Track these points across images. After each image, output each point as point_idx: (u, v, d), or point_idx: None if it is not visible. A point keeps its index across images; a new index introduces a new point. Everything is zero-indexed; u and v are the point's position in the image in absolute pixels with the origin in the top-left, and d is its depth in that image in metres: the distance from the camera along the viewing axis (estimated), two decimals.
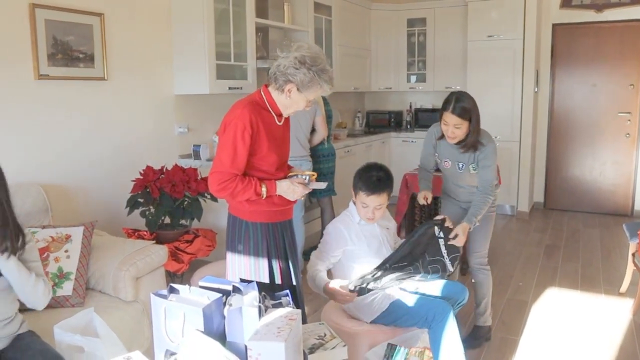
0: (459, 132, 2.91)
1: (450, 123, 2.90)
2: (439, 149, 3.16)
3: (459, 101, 2.88)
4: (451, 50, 6.86)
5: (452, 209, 3.27)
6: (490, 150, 2.99)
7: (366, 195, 2.61)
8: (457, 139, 2.95)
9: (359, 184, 2.65)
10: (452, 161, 3.10)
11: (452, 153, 3.08)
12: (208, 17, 4.13)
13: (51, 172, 3.41)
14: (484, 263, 3.25)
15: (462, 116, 2.87)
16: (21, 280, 2.07)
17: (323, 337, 1.95)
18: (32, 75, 3.28)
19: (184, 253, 3.43)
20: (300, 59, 2.21)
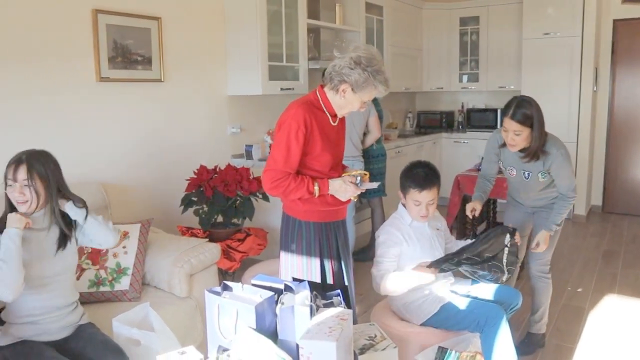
0: (519, 139, 2.77)
1: (509, 129, 2.77)
2: (503, 157, 3.03)
3: (520, 107, 2.75)
4: (505, 49, 6.70)
5: (516, 214, 3.17)
6: (561, 159, 2.82)
7: (418, 192, 2.57)
8: (517, 147, 2.82)
9: (407, 183, 2.61)
10: (517, 169, 2.96)
11: (517, 161, 2.93)
12: (261, 19, 4.19)
13: (110, 171, 3.53)
14: (546, 271, 3.13)
15: (523, 123, 2.73)
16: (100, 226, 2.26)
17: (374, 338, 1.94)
18: (94, 77, 3.41)
19: (235, 251, 3.49)
20: (356, 60, 2.21)
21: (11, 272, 2.04)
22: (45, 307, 2.18)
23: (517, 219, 3.17)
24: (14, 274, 2.04)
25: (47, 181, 2.13)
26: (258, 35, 4.19)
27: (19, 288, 2.06)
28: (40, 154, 2.16)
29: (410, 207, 2.64)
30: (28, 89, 3.07)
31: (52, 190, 2.15)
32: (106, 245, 2.32)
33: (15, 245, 2.06)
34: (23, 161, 2.10)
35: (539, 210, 3.07)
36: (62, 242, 2.23)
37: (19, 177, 2.08)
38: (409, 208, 2.65)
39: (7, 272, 2.03)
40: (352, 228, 4.32)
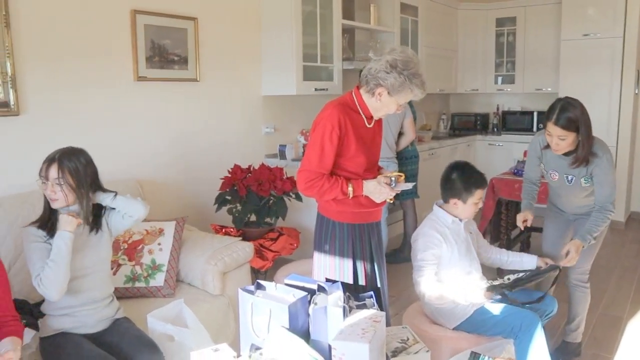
0: (563, 144, 2.68)
1: (553, 134, 2.67)
2: (545, 160, 2.94)
3: (564, 110, 2.63)
4: (542, 50, 6.57)
5: (557, 221, 3.09)
6: (606, 163, 2.71)
7: (483, 189, 2.59)
8: (562, 151, 2.73)
9: (473, 185, 2.56)
10: (560, 174, 2.87)
11: (560, 165, 2.84)
12: (296, 20, 4.20)
13: (147, 168, 3.59)
14: (584, 280, 3.04)
15: (567, 127, 2.62)
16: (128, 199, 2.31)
17: (406, 341, 1.93)
18: (132, 76, 3.47)
19: (268, 250, 3.51)
20: (392, 63, 2.19)
21: (60, 274, 2.11)
22: (82, 299, 2.24)
23: (558, 226, 3.09)
24: (62, 275, 2.11)
25: (78, 179, 2.17)
26: (293, 36, 4.20)
27: (64, 289, 2.14)
28: (73, 152, 2.21)
29: (468, 209, 2.60)
30: (70, 87, 3.15)
31: (84, 187, 2.19)
32: (137, 216, 2.34)
33: (67, 247, 2.12)
34: (55, 160, 2.15)
35: (580, 218, 2.97)
36: (95, 233, 2.29)
37: (51, 175, 2.14)
38: (465, 210, 2.60)
39: (56, 273, 2.10)
40: (384, 230, 4.30)
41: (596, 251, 3.00)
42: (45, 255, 2.15)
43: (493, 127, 7.22)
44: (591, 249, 2.95)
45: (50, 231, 2.20)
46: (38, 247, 2.18)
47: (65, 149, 2.22)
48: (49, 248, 2.16)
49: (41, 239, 2.19)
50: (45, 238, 2.19)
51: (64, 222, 2.15)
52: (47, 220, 2.23)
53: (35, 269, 2.14)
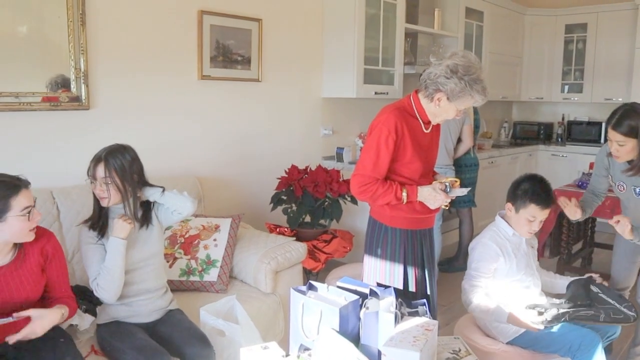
0: (623, 150, 2.58)
1: (613, 139, 2.59)
2: (612, 170, 2.82)
3: (625, 117, 2.55)
4: (615, 59, 6.29)
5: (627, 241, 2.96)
6: None
7: (540, 209, 2.44)
8: (622, 159, 2.63)
9: (527, 198, 2.45)
10: (627, 185, 2.75)
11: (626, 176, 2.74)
12: (359, 22, 4.20)
13: (206, 165, 3.67)
14: None
15: (627, 134, 2.53)
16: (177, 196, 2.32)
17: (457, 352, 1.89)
18: (196, 75, 3.56)
19: (321, 252, 3.51)
20: (453, 68, 2.14)
21: (115, 279, 2.20)
22: (136, 290, 2.31)
23: (629, 243, 2.95)
24: (117, 280, 2.20)
25: (124, 176, 2.21)
26: (355, 39, 4.20)
27: (120, 292, 2.23)
28: (119, 150, 2.24)
29: (521, 222, 2.49)
30: (138, 84, 3.26)
31: (130, 184, 2.23)
32: (186, 212, 2.37)
33: (121, 254, 2.20)
34: (102, 159, 2.20)
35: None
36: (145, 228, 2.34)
37: (98, 174, 2.20)
38: (518, 222, 2.50)
39: (112, 279, 2.19)
40: (438, 237, 4.23)
41: None
42: (100, 256, 2.22)
43: (557, 137, 6.98)
44: None
45: (101, 231, 2.27)
46: (92, 248, 2.25)
47: (111, 146, 2.26)
48: (102, 249, 2.24)
49: (93, 240, 2.26)
50: (97, 238, 2.26)
51: (118, 228, 2.21)
52: (98, 219, 2.29)
53: (92, 271, 2.23)
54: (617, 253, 3.02)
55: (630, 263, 2.95)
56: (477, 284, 2.47)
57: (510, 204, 2.52)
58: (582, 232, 4.78)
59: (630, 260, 2.94)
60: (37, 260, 2.04)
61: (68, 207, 2.72)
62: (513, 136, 7.12)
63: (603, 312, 2.45)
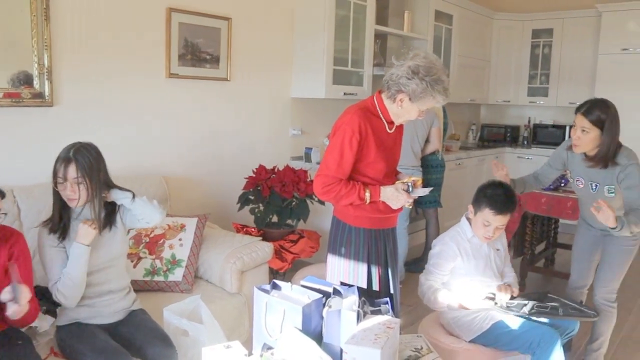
0: (585, 138, 2.65)
1: (578, 125, 2.67)
2: (571, 165, 2.89)
3: (597, 107, 2.64)
4: (579, 64, 6.45)
5: (586, 236, 3.04)
6: (635, 169, 2.64)
7: (493, 214, 2.47)
8: (581, 148, 2.70)
9: (484, 201, 2.50)
10: (585, 180, 2.83)
11: (585, 171, 2.80)
12: (329, 23, 4.21)
13: (173, 165, 3.64)
14: (612, 299, 2.95)
15: (594, 122, 2.61)
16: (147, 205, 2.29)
17: (419, 350, 1.92)
18: (163, 73, 3.53)
19: (287, 252, 3.51)
20: (414, 69, 2.16)
21: (75, 286, 2.16)
22: (98, 291, 2.27)
23: (586, 241, 3.03)
24: (77, 287, 2.17)
25: (93, 175, 2.17)
26: (325, 39, 4.21)
27: (80, 297, 2.20)
28: (85, 148, 2.19)
29: (478, 225, 2.54)
30: (103, 80, 3.21)
31: (99, 183, 2.20)
32: (153, 223, 2.35)
33: (83, 261, 2.16)
34: (72, 159, 2.14)
35: (610, 234, 2.91)
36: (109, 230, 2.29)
37: (70, 175, 2.14)
38: (476, 225, 2.56)
39: (72, 286, 2.15)
40: (405, 238, 4.27)
41: (625, 270, 2.92)
42: (62, 261, 2.18)
43: (523, 139, 7.12)
44: (619, 268, 2.89)
45: (62, 234, 2.22)
46: (53, 252, 2.20)
47: (75, 145, 2.20)
48: (64, 252, 2.20)
49: (54, 243, 2.21)
50: (58, 241, 2.21)
51: (82, 234, 2.16)
52: (59, 221, 2.23)
53: (52, 275, 2.19)
54: (576, 252, 3.10)
55: (588, 262, 3.03)
56: (432, 279, 2.54)
57: (472, 207, 2.57)
58: (545, 233, 4.88)
59: (588, 259, 3.03)
60: (3, 262, 1.99)
61: (29, 206, 2.67)
62: (480, 138, 7.23)
63: (562, 308, 2.52)
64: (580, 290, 3.10)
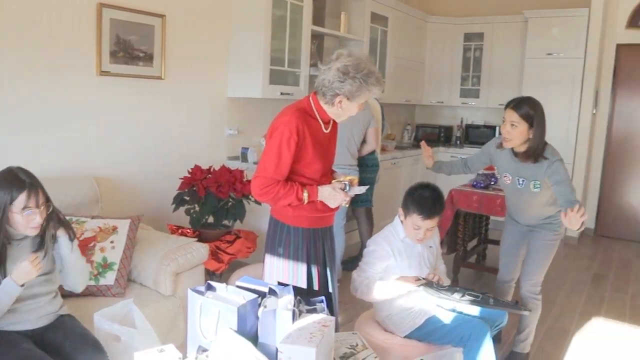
0: (514, 132, 2.77)
1: (507, 120, 2.79)
2: (497, 161, 3.02)
3: (526, 102, 2.78)
4: (507, 67, 6.72)
5: (512, 232, 3.17)
6: (559, 165, 2.76)
7: (421, 219, 2.49)
8: (510, 143, 2.82)
9: (412, 206, 2.51)
10: (512, 176, 2.94)
11: (513, 167, 2.92)
12: (265, 23, 4.19)
13: (105, 165, 3.53)
14: (536, 292, 3.09)
15: (523, 116, 2.74)
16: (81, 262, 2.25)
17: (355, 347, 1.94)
18: (94, 71, 3.41)
19: (224, 253, 3.48)
20: (343, 70, 2.19)
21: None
22: (22, 295, 2.14)
23: (513, 237, 3.17)
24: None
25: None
26: (262, 39, 4.20)
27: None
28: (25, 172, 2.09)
29: (408, 228, 2.56)
30: (29, 76, 3.07)
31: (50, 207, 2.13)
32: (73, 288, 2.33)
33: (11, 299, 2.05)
34: (34, 184, 2.05)
35: (534, 230, 3.06)
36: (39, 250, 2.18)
37: (40, 201, 2.05)
38: (407, 228, 2.58)
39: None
40: (342, 236, 4.31)
41: (548, 263, 3.07)
42: None
43: (456, 139, 7.34)
44: (543, 261, 3.04)
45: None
46: None
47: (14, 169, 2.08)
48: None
49: None
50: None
51: (22, 273, 2.03)
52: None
53: None
54: (503, 247, 3.24)
55: (515, 257, 3.18)
56: (364, 276, 2.58)
57: (401, 210, 2.60)
58: (477, 230, 5.05)
59: (515, 254, 3.17)
60: None
61: None
62: (415, 138, 7.40)
63: (492, 298, 2.60)
64: (508, 284, 3.24)
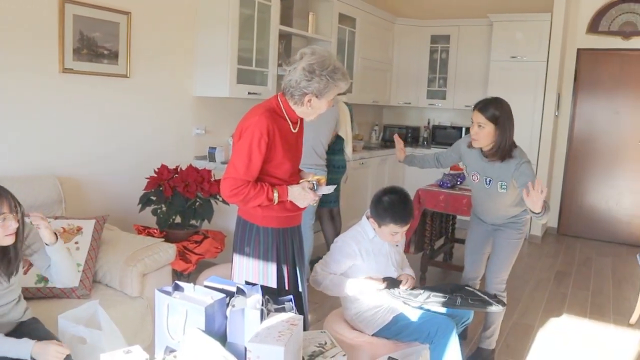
0: (482, 133, 2.83)
1: (475, 121, 2.85)
2: (467, 159, 3.08)
3: (492, 104, 2.84)
4: (473, 69, 6.84)
5: (476, 230, 3.22)
6: (527, 167, 2.81)
7: (400, 227, 2.53)
8: (479, 142, 2.88)
9: (387, 217, 2.52)
10: (480, 175, 3.00)
11: (481, 166, 2.98)
12: (233, 22, 4.17)
13: (68, 165, 3.45)
14: (501, 289, 3.13)
15: (489, 118, 2.80)
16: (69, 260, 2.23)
17: (323, 345, 1.94)
18: (57, 68, 3.34)
19: (192, 253, 3.44)
20: (309, 69, 2.19)
21: None
22: None
23: (478, 236, 3.22)
24: None
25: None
26: (229, 38, 4.17)
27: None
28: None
29: (384, 234, 2.58)
30: None
31: None
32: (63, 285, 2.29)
33: None
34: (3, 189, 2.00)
35: (499, 229, 3.11)
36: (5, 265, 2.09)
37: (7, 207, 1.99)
38: (382, 234, 2.59)
39: None
40: (310, 236, 4.29)
41: (513, 261, 3.13)
42: None
43: (423, 140, 7.42)
44: (508, 259, 3.09)
45: None
46: None
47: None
48: None
49: None
50: None
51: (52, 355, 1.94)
52: None
53: None
54: (469, 246, 3.29)
55: (480, 254, 3.23)
56: (327, 270, 2.60)
57: (373, 219, 2.60)
58: (443, 229, 5.12)
59: (480, 252, 3.23)
60: None
61: None
62: (383, 138, 7.46)
63: (460, 298, 2.65)
64: (473, 282, 3.29)
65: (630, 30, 6.15)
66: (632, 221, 6.39)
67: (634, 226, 6.39)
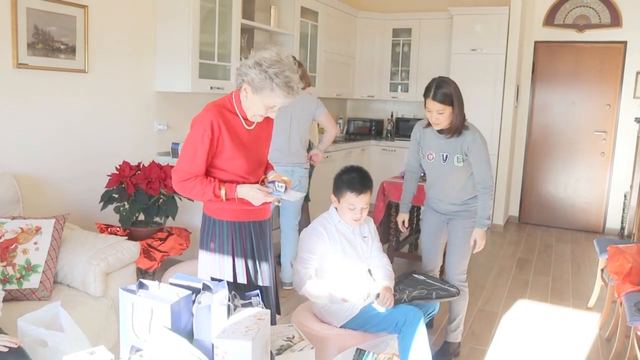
0: (443, 117, 2.89)
1: (433, 110, 2.89)
2: (424, 141, 3.11)
3: (440, 87, 2.87)
4: (435, 62, 6.91)
5: (432, 221, 3.24)
6: (479, 141, 2.93)
7: (355, 196, 2.59)
8: (441, 125, 2.93)
9: (343, 186, 2.62)
10: (436, 152, 3.04)
11: (437, 144, 3.02)
12: (194, 15, 4.11)
13: (25, 163, 3.35)
14: (463, 280, 3.17)
15: (444, 102, 2.85)
16: None
17: (291, 339, 1.95)
18: (10, 63, 3.23)
19: (156, 251, 3.39)
20: (259, 60, 2.17)
21: None
22: None
23: (432, 226, 3.24)
24: None
25: None
26: (190, 32, 4.10)
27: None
28: None
29: (344, 211, 2.65)
30: None
31: None
32: None
33: None
34: None
35: (453, 219, 3.15)
36: None
37: None
38: (343, 212, 2.67)
39: None
40: (294, 236, 4.18)
41: (469, 251, 3.16)
42: None
43: (387, 133, 7.48)
44: (466, 248, 3.13)
45: None
46: None
47: None
48: None
49: None
50: None
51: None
52: None
53: None
54: (424, 238, 3.33)
55: (435, 245, 3.25)
56: (310, 266, 2.60)
57: (334, 196, 2.69)
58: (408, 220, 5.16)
59: (435, 242, 3.25)
60: None
61: None
62: (347, 132, 7.49)
63: (434, 292, 2.73)
64: (432, 273, 3.33)
65: (584, 23, 6.32)
66: (589, 208, 6.59)
67: (591, 213, 6.59)
